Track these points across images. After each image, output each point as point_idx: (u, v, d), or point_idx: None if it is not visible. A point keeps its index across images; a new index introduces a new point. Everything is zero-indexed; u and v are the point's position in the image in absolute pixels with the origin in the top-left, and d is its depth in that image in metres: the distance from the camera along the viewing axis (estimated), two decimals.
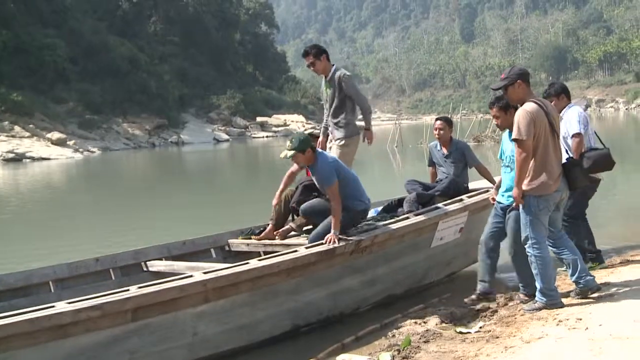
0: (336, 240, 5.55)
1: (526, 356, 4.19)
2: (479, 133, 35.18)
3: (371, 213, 7.12)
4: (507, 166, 5.71)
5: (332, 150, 6.53)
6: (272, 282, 5.22)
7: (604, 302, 5.26)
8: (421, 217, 6.37)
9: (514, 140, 5.16)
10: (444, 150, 7.28)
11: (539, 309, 5.25)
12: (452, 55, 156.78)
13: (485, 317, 5.45)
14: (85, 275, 6.04)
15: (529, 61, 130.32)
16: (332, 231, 5.60)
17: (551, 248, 5.45)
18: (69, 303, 4.32)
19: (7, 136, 41.56)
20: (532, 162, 5.15)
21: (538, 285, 5.31)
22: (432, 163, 7.48)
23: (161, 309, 4.61)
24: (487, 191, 7.08)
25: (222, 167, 33.42)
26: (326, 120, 6.80)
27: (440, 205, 6.69)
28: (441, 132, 7.23)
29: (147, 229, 11.98)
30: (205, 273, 4.97)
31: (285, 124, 68.52)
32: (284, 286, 5.34)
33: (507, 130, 5.67)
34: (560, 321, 4.85)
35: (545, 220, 5.28)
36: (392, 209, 6.96)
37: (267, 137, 61.15)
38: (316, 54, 6.51)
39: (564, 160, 5.50)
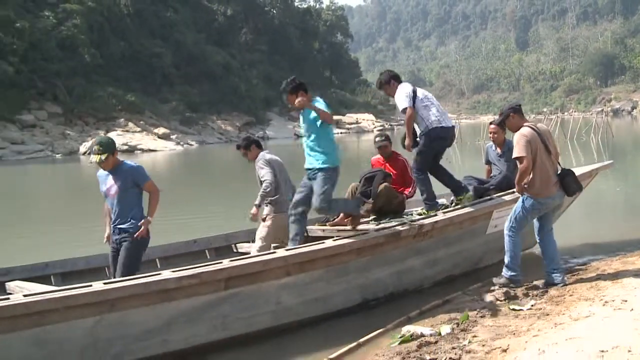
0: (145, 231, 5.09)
1: (574, 332, 4.05)
2: None
3: None
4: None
5: (261, 225, 6.18)
6: (345, 260, 5.24)
7: None
8: (478, 207, 6.25)
9: (515, 158, 5.51)
10: (498, 150, 7.18)
11: (504, 282, 5.56)
12: (507, 62, 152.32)
13: (536, 296, 5.31)
14: (185, 254, 6.27)
15: (579, 67, 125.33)
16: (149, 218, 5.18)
17: (539, 242, 5.79)
18: (173, 272, 4.46)
19: (122, 131, 43.37)
20: (531, 173, 5.53)
21: (506, 260, 5.62)
22: (487, 162, 7.41)
23: (249, 280, 4.69)
24: None
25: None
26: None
27: (494, 197, 6.56)
28: (495, 135, 7.13)
29: (235, 214, 12.08)
30: (287, 250, 5.05)
31: (357, 122, 68.40)
32: (355, 264, 5.34)
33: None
34: (606, 302, 4.67)
35: (531, 217, 5.68)
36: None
37: (341, 133, 61.09)
38: (246, 146, 6.43)
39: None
